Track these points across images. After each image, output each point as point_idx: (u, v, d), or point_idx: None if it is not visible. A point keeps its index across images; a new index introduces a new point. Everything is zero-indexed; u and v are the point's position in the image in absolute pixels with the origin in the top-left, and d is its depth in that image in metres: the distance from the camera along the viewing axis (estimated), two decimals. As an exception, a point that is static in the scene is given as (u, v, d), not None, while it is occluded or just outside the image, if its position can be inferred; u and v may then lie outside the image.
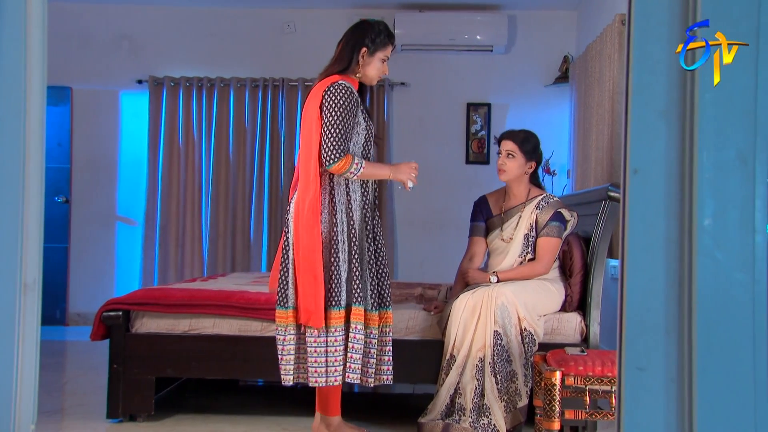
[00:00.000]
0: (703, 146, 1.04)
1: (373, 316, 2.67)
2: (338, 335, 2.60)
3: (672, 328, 1.04)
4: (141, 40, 5.99)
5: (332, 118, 2.58)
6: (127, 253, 5.99)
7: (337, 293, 2.60)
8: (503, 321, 2.94)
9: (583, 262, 3.25)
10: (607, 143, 4.29)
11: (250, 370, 3.22)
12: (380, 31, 2.75)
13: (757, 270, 1.03)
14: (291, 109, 5.88)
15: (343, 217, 2.64)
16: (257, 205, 5.85)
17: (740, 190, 1.04)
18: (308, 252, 2.57)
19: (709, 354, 1.02)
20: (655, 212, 1.06)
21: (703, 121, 1.04)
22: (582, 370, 2.52)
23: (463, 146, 5.93)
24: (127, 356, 3.12)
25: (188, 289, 3.36)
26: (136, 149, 5.97)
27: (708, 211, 1.03)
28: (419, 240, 5.86)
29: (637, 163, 1.05)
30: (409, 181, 2.75)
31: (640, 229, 1.06)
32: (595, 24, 5.02)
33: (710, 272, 1.03)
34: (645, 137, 1.06)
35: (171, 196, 5.86)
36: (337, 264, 2.60)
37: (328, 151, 2.56)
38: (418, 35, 5.66)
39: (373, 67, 2.74)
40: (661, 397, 1.04)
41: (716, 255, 1.03)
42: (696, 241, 1.02)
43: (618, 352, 1.06)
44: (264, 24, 5.97)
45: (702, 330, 1.01)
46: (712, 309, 1.03)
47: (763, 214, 1.03)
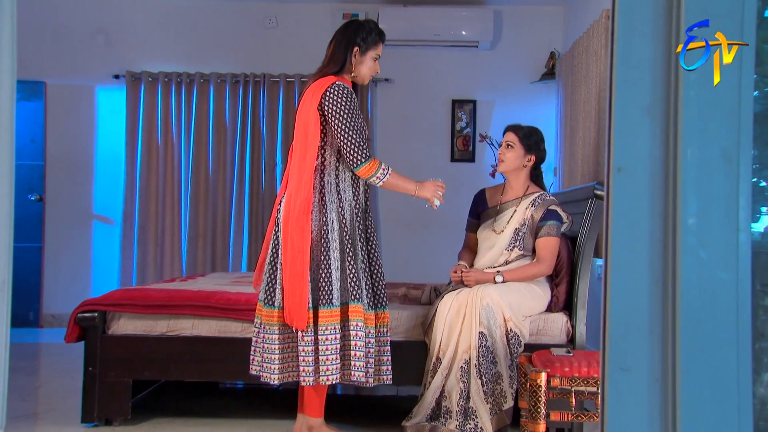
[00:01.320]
0: (688, 144, 1.05)
1: (370, 315, 2.70)
2: (330, 334, 2.62)
3: (656, 328, 1.05)
4: (118, 34, 5.94)
5: (346, 120, 2.62)
6: (104, 252, 5.94)
7: (327, 292, 2.62)
8: (488, 322, 2.95)
9: (569, 261, 3.27)
10: (593, 141, 4.32)
11: (231, 372, 3.21)
12: (371, 29, 2.79)
13: (741, 269, 1.05)
14: (272, 106, 5.86)
15: (333, 216, 2.67)
16: (238, 203, 5.83)
17: (724, 188, 1.05)
18: (296, 252, 2.59)
19: (692, 354, 1.03)
20: (639, 211, 1.07)
21: (687, 119, 1.05)
22: (568, 371, 2.53)
23: (448, 144, 5.94)
24: (103, 359, 3.10)
25: (167, 290, 3.34)
26: (113, 146, 5.92)
27: (692, 209, 1.04)
28: (403, 239, 5.87)
29: (621, 161, 1.06)
30: (436, 200, 2.79)
31: (623, 228, 1.07)
32: (582, 20, 5.04)
33: (694, 271, 1.04)
34: (629, 135, 1.07)
35: (149, 195, 5.82)
36: (328, 262, 2.62)
37: (355, 153, 2.61)
38: (403, 30, 5.66)
39: (365, 66, 2.79)
40: (644, 398, 1.04)
41: (700, 254, 1.04)
42: (680, 240, 1.03)
43: (601, 352, 1.07)
44: (245, 18, 5.95)
45: (686, 330, 1.02)
46: (696, 308, 1.04)
47: (747, 213, 1.04)
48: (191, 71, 5.85)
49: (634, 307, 1.06)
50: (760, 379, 1.18)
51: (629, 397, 1.05)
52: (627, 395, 1.05)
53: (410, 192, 2.79)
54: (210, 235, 5.80)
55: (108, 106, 5.96)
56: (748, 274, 1.05)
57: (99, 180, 5.96)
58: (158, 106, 5.83)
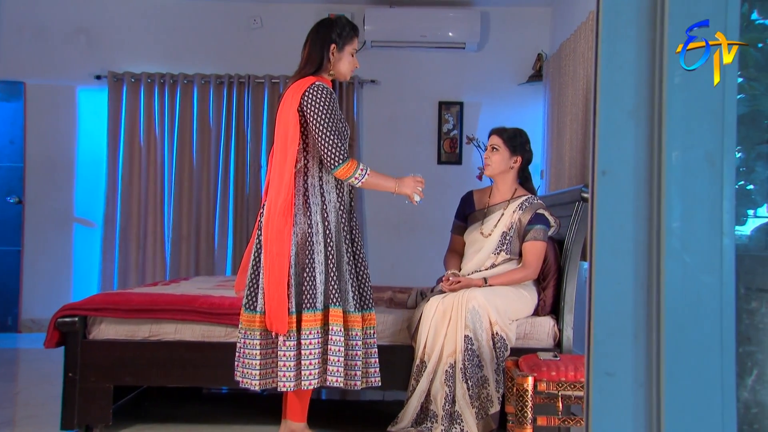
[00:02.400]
0: (672, 147, 1.05)
1: (356, 317, 2.69)
2: (313, 338, 2.61)
3: (640, 333, 1.05)
4: (99, 33, 5.91)
5: (324, 121, 2.61)
6: (85, 256, 5.90)
7: (311, 295, 2.61)
8: (474, 325, 2.95)
9: (556, 265, 3.28)
10: (581, 143, 4.34)
11: (214, 377, 3.20)
12: (344, 24, 2.80)
13: (725, 273, 1.05)
14: (257, 108, 5.85)
15: (318, 219, 2.66)
16: (222, 206, 5.80)
17: (708, 191, 1.05)
18: (276, 256, 2.59)
19: (677, 358, 1.03)
20: (624, 214, 1.07)
21: (671, 122, 1.06)
22: (555, 375, 2.54)
23: (435, 146, 5.95)
24: (83, 364, 3.07)
25: (149, 294, 3.32)
26: (94, 148, 5.89)
27: (676, 213, 1.05)
28: (389, 242, 5.87)
29: (606, 164, 1.07)
30: (416, 195, 2.79)
31: (608, 231, 1.07)
32: (570, 21, 5.07)
33: (678, 275, 1.04)
34: (613, 138, 1.08)
35: (132, 197, 5.78)
36: (312, 266, 2.62)
37: (332, 155, 2.60)
38: (389, 31, 5.67)
39: (345, 62, 2.79)
40: (629, 403, 1.05)
41: (684, 258, 1.04)
42: (664, 244, 1.04)
43: (586, 357, 1.08)
44: (229, 18, 5.93)
45: (670, 334, 1.03)
46: (680, 313, 1.04)
47: (731, 216, 1.05)
48: (175, 72, 5.83)
49: (618, 311, 1.06)
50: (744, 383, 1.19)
51: (614, 402, 1.05)
52: (612, 400, 1.05)
53: (390, 189, 2.79)
54: (193, 238, 5.77)
55: (89, 107, 5.92)
56: (732, 278, 1.06)
57: (80, 182, 5.92)
58: (141, 108, 5.80)
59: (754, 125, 1.56)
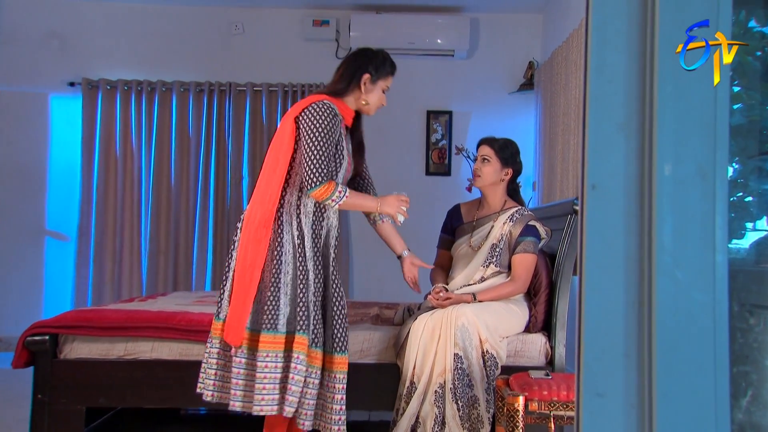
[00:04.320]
0: (663, 161, 1.07)
1: (315, 353, 2.57)
2: (270, 361, 2.53)
3: (631, 352, 1.06)
4: (73, 38, 5.89)
5: (314, 138, 2.58)
6: (57, 271, 5.85)
7: (272, 316, 2.55)
8: (464, 343, 2.95)
9: (548, 280, 3.30)
10: (573, 154, 4.38)
11: (193, 397, 3.16)
12: (384, 58, 2.82)
13: (718, 290, 1.06)
14: (239, 117, 5.85)
15: (288, 238, 2.63)
16: (202, 219, 5.79)
17: (700, 206, 1.07)
18: (248, 266, 2.57)
19: (669, 378, 1.04)
20: (614, 230, 1.08)
21: (662, 134, 1.07)
22: (546, 395, 2.55)
23: (423, 156, 5.97)
24: (53, 385, 3.05)
25: (124, 310, 3.30)
26: (68, 158, 5.86)
27: (668, 228, 1.06)
28: (375, 257, 5.85)
29: (595, 178, 1.08)
30: (399, 215, 2.79)
31: (598, 247, 1.08)
32: (562, 28, 5.12)
33: (670, 293, 1.05)
34: (603, 151, 1.09)
35: (107, 209, 5.76)
36: (277, 285, 2.57)
37: (311, 174, 2.56)
38: (375, 38, 5.69)
39: (374, 95, 2.80)
40: (620, 424, 1.05)
41: (676, 274, 1.05)
42: (655, 260, 1.05)
43: (576, 376, 1.08)
44: (210, 24, 5.94)
45: (662, 353, 1.04)
46: (672, 331, 1.05)
47: (724, 232, 1.06)
48: (152, 79, 5.82)
49: (608, 329, 1.07)
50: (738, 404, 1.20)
51: (605, 423, 1.06)
52: (603, 421, 1.06)
53: (372, 209, 2.78)
54: (172, 253, 5.75)
55: (62, 115, 5.90)
56: (725, 296, 1.07)
57: (52, 193, 5.88)
58: (117, 116, 5.79)
59: (752, 135, 1.58)
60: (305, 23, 5.81)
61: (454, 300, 3.12)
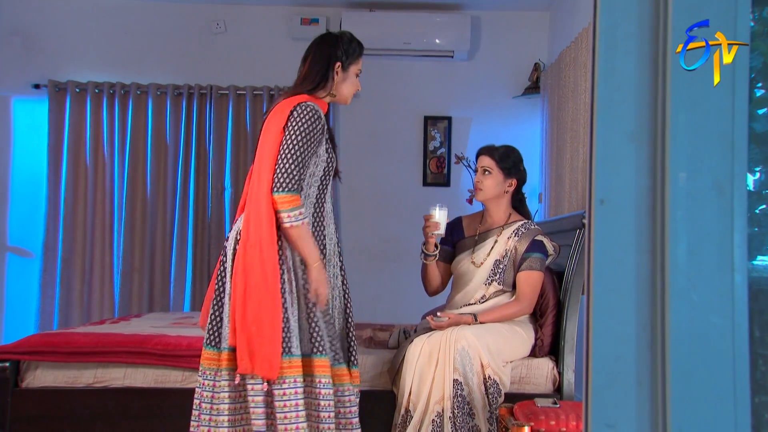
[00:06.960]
0: (676, 174, 1.08)
1: (340, 370, 2.67)
2: (289, 388, 2.53)
3: (644, 379, 1.07)
4: (38, 37, 5.89)
5: (293, 142, 2.60)
6: (20, 291, 5.83)
7: (286, 339, 2.56)
8: (464, 368, 2.96)
9: (555, 300, 3.31)
10: (582, 163, 4.40)
11: (170, 428, 3.16)
12: (350, 39, 2.84)
13: (737, 313, 1.07)
14: (221, 122, 5.86)
15: (289, 254, 2.63)
16: (180, 233, 5.78)
17: (717, 223, 1.08)
18: (269, 291, 2.54)
19: (684, 409, 1.04)
20: (625, 248, 1.09)
21: (675, 146, 1.08)
22: (554, 425, 2.55)
23: (420, 166, 5.98)
24: (14, 417, 3.04)
25: (94, 334, 3.30)
26: (32, 167, 5.84)
27: (682, 246, 1.07)
28: (369, 274, 5.86)
29: (604, 192, 1.09)
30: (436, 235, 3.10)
31: (607, 266, 1.09)
32: (570, 28, 5.15)
33: (685, 316, 1.06)
34: (612, 163, 1.10)
35: (76, 223, 5.75)
36: (285, 306, 2.58)
37: (280, 177, 2.58)
38: (369, 38, 5.65)
39: (348, 83, 2.84)
40: (632, 459, 1.06)
41: (692, 296, 1.06)
42: (669, 281, 1.06)
43: (584, 406, 1.09)
44: (189, 22, 5.96)
45: (677, 381, 1.04)
46: (687, 357, 1.06)
47: (743, 251, 1.07)
48: (126, 81, 5.83)
49: (619, 355, 1.08)
50: (759, 436, 1.21)
51: (616, 457, 1.06)
52: (613, 456, 1.06)
53: (308, 261, 2.63)
54: (147, 270, 5.74)
55: (26, 120, 5.89)
56: (745, 319, 1.08)
57: (15, 206, 5.87)
58: (87, 121, 5.79)
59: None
60: (293, 21, 5.83)
61: (453, 321, 3.12)
